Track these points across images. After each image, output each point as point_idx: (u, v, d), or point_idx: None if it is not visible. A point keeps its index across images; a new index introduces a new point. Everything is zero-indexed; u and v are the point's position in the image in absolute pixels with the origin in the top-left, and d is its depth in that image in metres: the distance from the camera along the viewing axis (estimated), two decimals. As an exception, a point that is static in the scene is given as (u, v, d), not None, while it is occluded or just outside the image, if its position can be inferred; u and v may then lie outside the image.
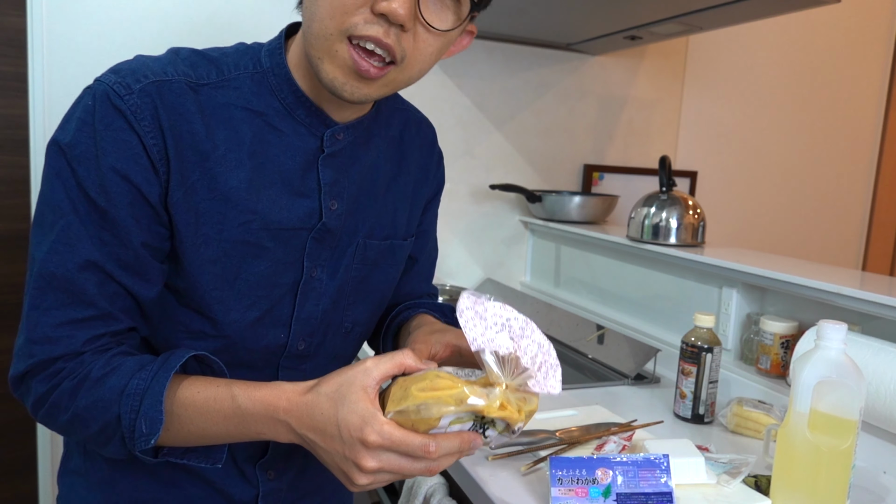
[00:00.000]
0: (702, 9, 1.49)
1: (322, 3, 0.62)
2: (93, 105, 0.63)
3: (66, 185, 0.62)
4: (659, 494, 0.79)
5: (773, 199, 2.58)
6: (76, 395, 0.62)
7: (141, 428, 0.61)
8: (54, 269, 0.62)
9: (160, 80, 0.65)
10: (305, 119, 0.70)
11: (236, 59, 0.70)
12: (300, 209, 0.71)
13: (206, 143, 0.66)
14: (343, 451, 0.58)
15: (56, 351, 0.62)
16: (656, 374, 1.40)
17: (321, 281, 0.74)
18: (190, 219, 0.66)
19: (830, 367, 0.80)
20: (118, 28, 1.64)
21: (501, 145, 2.09)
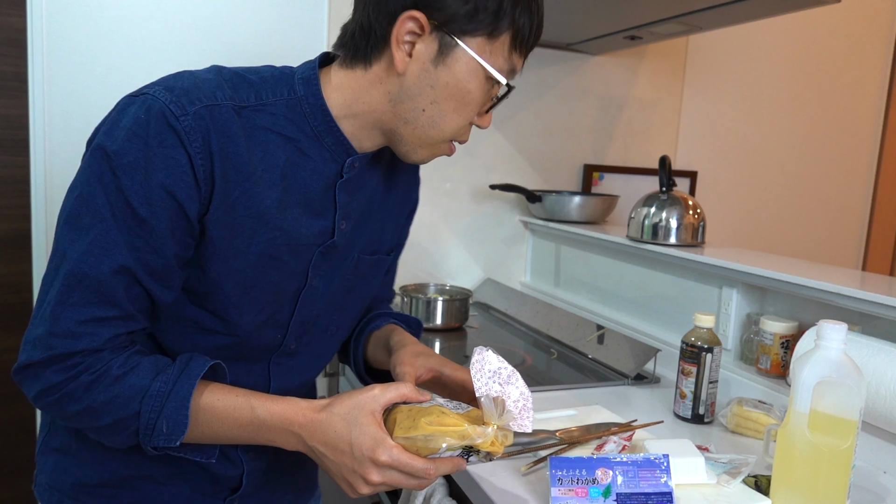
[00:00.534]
0: (702, 9, 1.49)
1: (449, 118, 0.75)
2: (146, 119, 0.67)
3: (107, 191, 0.66)
4: (659, 494, 0.79)
5: (773, 199, 2.58)
6: (93, 390, 0.66)
7: (161, 428, 0.67)
8: (88, 270, 0.66)
9: (212, 104, 0.69)
10: (332, 147, 0.77)
11: (273, 85, 0.75)
12: (316, 227, 0.78)
13: (247, 164, 0.71)
14: (353, 465, 0.67)
15: (78, 346, 0.66)
16: (656, 374, 1.40)
17: (318, 289, 0.82)
18: (225, 233, 0.72)
19: (830, 367, 0.80)
20: (118, 28, 1.64)
21: (501, 145, 2.09)
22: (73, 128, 1.63)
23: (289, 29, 1.80)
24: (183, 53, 1.71)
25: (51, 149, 1.62)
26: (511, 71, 0.75)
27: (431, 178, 2.02)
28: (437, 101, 0.73)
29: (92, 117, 1.65)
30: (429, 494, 1.02)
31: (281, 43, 1.79)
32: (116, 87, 1.66)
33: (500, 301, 1.93)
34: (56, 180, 1.63)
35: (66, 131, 1.63)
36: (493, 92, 0.76)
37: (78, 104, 1.63)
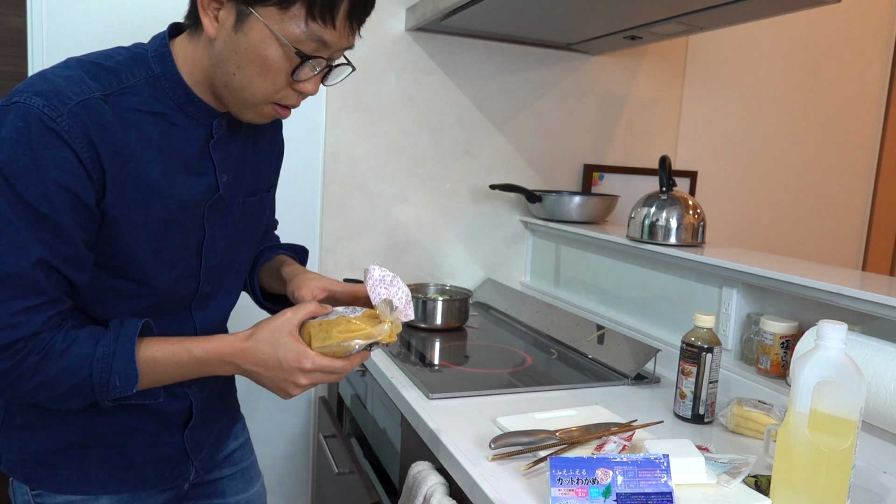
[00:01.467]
0: (702, 9, 1.49)
1: (257, 83, 0.81)
2: (25, 126, 0.71)
3: (6, 198, 0.72)
4: (659, 494, 0.79)
5: (773, 199, 2.58)
6: (42, 366, 0.75)
7: (115, 383, 0.78)
8: (9, 269, 0.72)
9: (82, 99, 0.74)
10: (196, 114, 0.86)
11: (130, 66, 0.81)
12: (202, 185, 0.87)
13: (126, 146, 0.78)
14: (283, 376, 0.82)
15: (18, 334, 0.73)
16: (656, 374, 1.40)
17: (215, 237, 0.92)
18: (123, 211, 0.79)
19: (830, 367, 0.80)
20: (118, 28, 1.64)
21: (501, 145, 2.09)
22: (73, 128, 1.63)
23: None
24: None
25: (51, 149, 1.62)
26: (318, 41, 0.79)
27: (431, 178, 2.02)
28: (243, 66, 0.80)
29: (92, 117, 1.65)
30: (429, 494, 1.02)
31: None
32: (116, 87, 1.66)
33: (500, 301, 1.93)
34: (56, 180, 1.63)
35: (66, 131, 1.63)
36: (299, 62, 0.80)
37: (78, 104, 1.63)
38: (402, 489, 1.11)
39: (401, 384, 1.27)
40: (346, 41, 0.82)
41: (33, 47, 1.57)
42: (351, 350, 0.84)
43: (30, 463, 0.89)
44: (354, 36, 0.83)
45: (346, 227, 1.94)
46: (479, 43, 2.02)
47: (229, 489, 1.11)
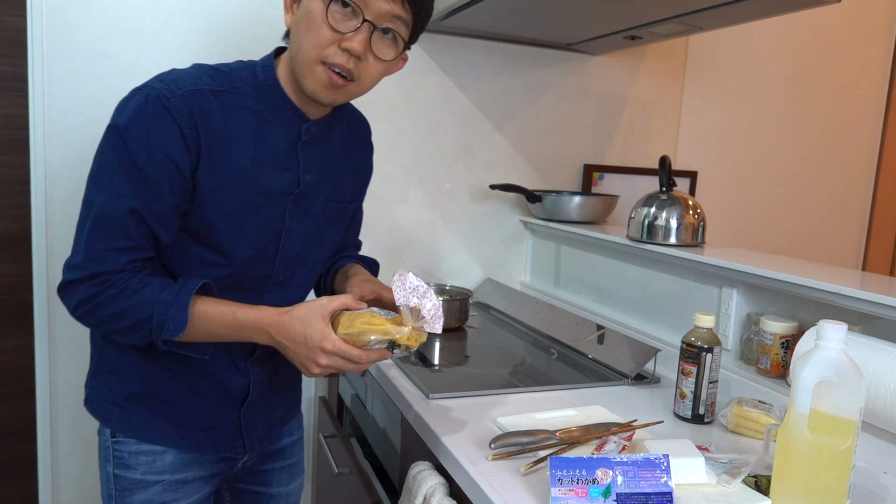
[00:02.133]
0: (702, 9, 1.49)
1: (305, 40, 0.92)
2: (145, 103, 0.89)
3: (119, 156, 0.88)
4: (659, 494, 0.79)
5: (773, 199, 2.58)
6: (117, 299, 0.89)
7: (168, 325, 0.90)
8: (109, 213, 0.88)
9: (193, 89, 0.92)
10: (290, 116, 1.00)
11: (240, 73, 0.98)
12: (285, 179, 1.00)
13: (223, 131, 0.94)
14: (307, 353, 0.91)
15: (105, 267, 0.89)
16: (656, 374, 1.40)
17: (295, 230, 1.04)
18: (213, 184, 0.94)
19: (830, 367, 0.80)
20: (118, 28, 1.64)
21: (501, 145, 2.09)
22: (73, 128, 1.63)
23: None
24: (183, 53, 1.71)
25: (51, 149, 1.62)
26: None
27: (431, 178, 2.02)
28: (298, 31, 0.93)
29: (92, 117, 1.65)
30: (429, 494, 1.02)
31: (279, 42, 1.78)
32: (116, 87, 1.66)
33: (500, 301, 1.93)
34: (56, 180, 1.63)
35: (66, 131, 1.63)
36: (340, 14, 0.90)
37: (78, 104, 1.63)
38: (402, 489, 1.11)
39: (401, 384, 1.27)
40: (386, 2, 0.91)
41: (33, 47, 1.57)
42: (369, 343, 0.91)
43: (108, 404, 1.03)
44: (402, 4, 0.92)
45: (346, 227, 1.94)
46: (479, 43, 2.02)
47: (275, 480, 1.21)
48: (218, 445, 1.07)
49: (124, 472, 1.03)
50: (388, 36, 0.94)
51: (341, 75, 0.93)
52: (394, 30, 0.94)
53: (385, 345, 0.92)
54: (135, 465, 1.03)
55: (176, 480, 1.04)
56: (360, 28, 0.90)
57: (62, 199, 1.65)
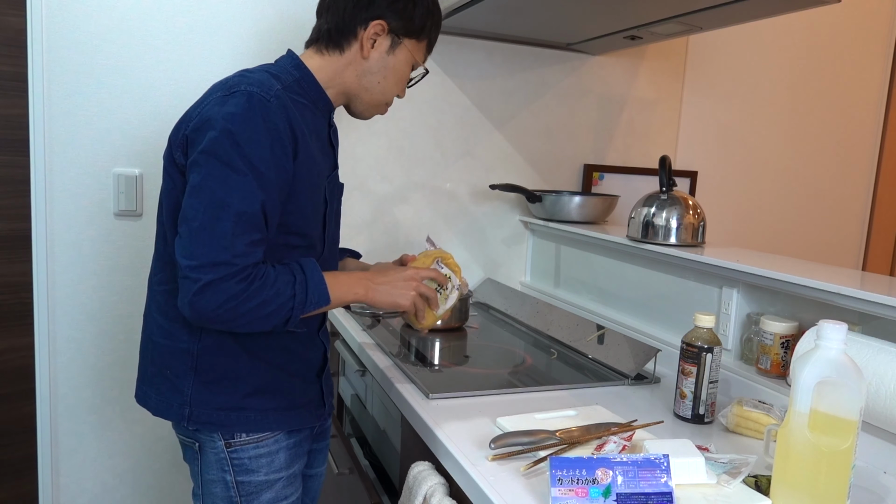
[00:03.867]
0: (702, 9, 1.49)
1: (389, 86, 1.16)
2: (249, 105, 0.98)
3: (242, 158, 0.96)
4: (659, 494, 0.79)
5: (773, 199, 2.58)
6: (263, 288, 0.97)
7: (313, 298, 1.03)
8: (247, 209, 0.96)
9: (279, 87, 1.03)
10: (323, 108, 1.14)
11: (281, 73, 1.09)
12: (328, 162, 1.17)
13: (301, 126, 1.04)
14: (401, 277, 1.15)
15: (249, 261, 0.97)
16: (656, 374, 1.40)
17: (333, 210, 1.19)
18: (304, 173, 1.05)
19: (830, 367, 0.80)
20: (118, 28, 1.64)
21: (501, 145, 2.09)
22: (73, 128, 1.63)
23: (288, 28, 1.80)
24: (183, 53, 1.71)
25: (51, 149, 1.62)
26: (423, 61, 1.20)
27: (431, 177, 2.02)
28: (387, 77, 1.15)
29: (92, 117, 1.65)
30: (429, 494, 1.02)
31: (280, 42, 1.79)
32: (116, 87, 1.66)
33: (500, 301, 1.93)
34: (56, 180, 1.63)
35: (66, 131, 1.63)
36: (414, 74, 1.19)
37: (78, 104, 1.63)
38: (402, 489, 1.11)
39: (401, 384, 1.27)
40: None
41: (33, 47, 1.57)
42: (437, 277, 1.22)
43: (222, 411, 1.07)
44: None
45: (347, 227, 1.94)
46: (479, 43, 2.02)
47: (316, 461, 1.30)
48: (312, 417, 1.17)
49: (248, 476, 1.09)
50: None
51: None
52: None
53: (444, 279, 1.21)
54: (256, 468, 1.09)
55: (291, 475, 1.14)
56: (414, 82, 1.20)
57: (62, 199, 1.65)
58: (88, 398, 1.75)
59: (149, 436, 1.82)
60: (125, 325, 1.76)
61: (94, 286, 1.72)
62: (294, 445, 1.14)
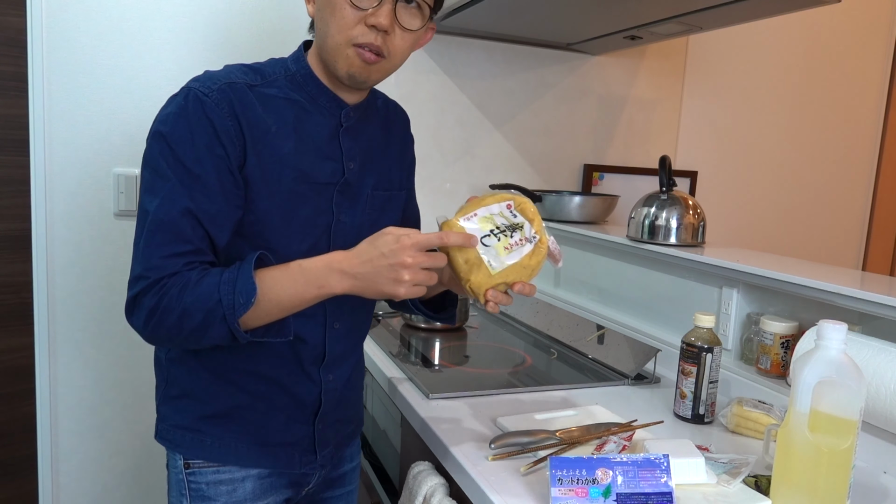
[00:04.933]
0: (702, 9, 1.49)
1: (331, 24, 0.90)
2: (185, 103, 0.87)
3: (168, 161, 0.86)
4: (659, 494, 0.79)
5: (773, 199, 2.58)
6: (182, 295, 0.84)
7: (239, 300, 0.84)
8: (163, 217, 0.85)
9: (230, 81, 0.91)
10: (326, 104, 0.98)
11: (271, 67, 0.97)
12: (329, 168, 0.97)
13: (264, 123, 0.91)
14: (387, 261, 0.83)
15: (165, 272, 0.85)
16: (656, 374, 1.40)
17: (345, 223, 1.00)
18: (260, 176, 0.91)
19: (830, 367, 0.80)
20: (118, 28, 1.64)
21: (501, 145, 2.09)
22: (73, 128, 1.63)
23: (288, 28, 1.80)
24: (183, 53, 1.71)
25: (51, 149, 1.62)
26: None
27: (431, 178, 2.02)
28: (322, 18, 0.92)
29: (92, 117, 1.65)
30: (429, 494, 1.02)
31: (280, 42, 1.79)
32: (116, 86, 1.66)
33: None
34: (56, 180, 1.63)
35: (66, 131, 1.63)
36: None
37: (78, 104, 1.63)
38: (402, 489, 1.11)
39: (401, 384, 1.27)
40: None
41: (33, 47, 1.57)
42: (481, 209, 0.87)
43: (179, 430, 0.99)
44: None
45: (346, 227, 1.94)
46: (479, 43, 2.02)
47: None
48: (293, 462, 1.02)
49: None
50: (412, 5, 0.92)
51: (373, 52, 0.91)
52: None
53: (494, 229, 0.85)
54: (215, 495, 0.98)
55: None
56: (382, 1, 0.89)
57: (62, 199, 1.65)
58: (88, 398, 1.75)
59: (149, 436, 1.82)
60: (125, 325, 1.76)
61: (94, 286, 1.72)
62: (267, 475, 1.01)
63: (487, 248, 0.85)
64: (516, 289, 0.87)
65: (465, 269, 0.85)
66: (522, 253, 0.86)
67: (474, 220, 0.87)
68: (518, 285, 0.87)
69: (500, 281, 0.85)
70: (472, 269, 0.85)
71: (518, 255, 0.86)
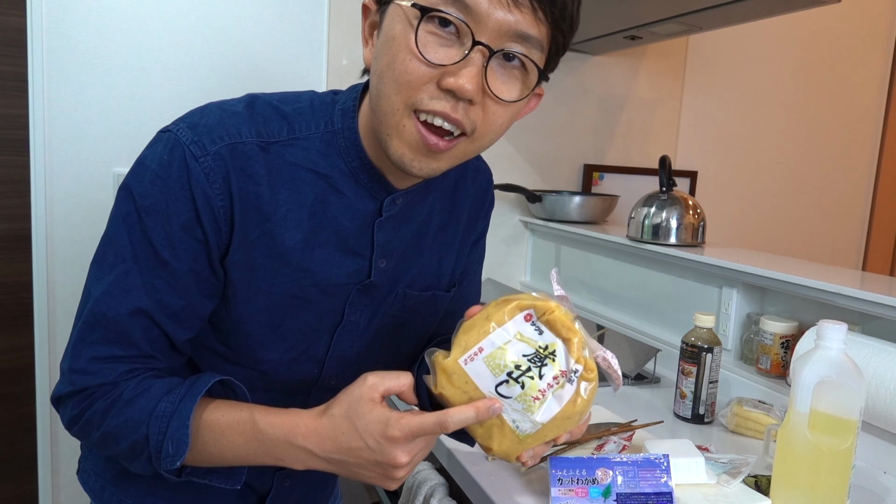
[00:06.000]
0: (702, 9, 1.49)
1: (388, 80, 0.62)
2: (169, 161, 0.65)
3: (130, 232, 0.65)
4: (659, 494, 0.79)
5: (773, 199, 2.58)
6: (108, 415, 0.65)
7: (168, 449, 0.64)
8: (106, 311, 0.65)
9: (234, 142, 0.66)
10: (368, 184, 0.72)
11: (308, 117, 0.70)
12: (350, 266, 0.73)
13: (269, 204, 0.68)
14: (374, 457, 0.62)
15: (94, 381, 0.66)
16: (656, 374, 1.40)
17: (357, 325, 0.77)
18: (246, 275, 0.69)
19: (830, 367, 0.80)
20: (118, 28, 1.64)
21: (501, 145, 2.09)
22: (73, 128, 1.63)
23: (289, 28, 1.79)
24: (183, 53, 1.71)
25: (51, 149, 1.62)
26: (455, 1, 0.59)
27: (431, 178, 2.02)
28: (378, 68, 0.64)
29: (92, 117, 1.65)
30: (429, 494, 1.02)
31: (281, 43, 1.78)
32: (116, 87, 1.66)
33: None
34: (56, 180, 1.63)
35: (66, 131, 1.63)
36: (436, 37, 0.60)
37: (78, 104, 1.63)
38: (402, 489, 1.11)
39: (401, 384, 1.27)
40: (505, 12, 0.59)
41: (33, 47, 1.57)
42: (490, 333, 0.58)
43: (100, 478, 0.83)
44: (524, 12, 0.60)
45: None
46: (479, 43, 2.02)
47: None
48: None
49: None
50: (513, 63, 0.63)
51: (444, 130, 0.63)
52: (521, 54, 0.62)
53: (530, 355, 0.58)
54: None
55: None
56: (468, 56, 0.60)
57: (62, 199, 1.65)
58: (88, 398, 1.75)
59: (149, 436, 1.82)
60: (125, 325, 1.76)
61: (94, 286, 1.71)
62: None
63: (509, 399, 0.60)
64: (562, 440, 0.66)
65: (482, 434, 0.62)
66: (563, 400, 0.60)
67: (479, 359, 0.60)
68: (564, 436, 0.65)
69: (536, 444, 0.63)
70: (491, 435, 0.62)
71: (556, 405, 0.60)
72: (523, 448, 0.63)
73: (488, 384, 0.59)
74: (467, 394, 0.60)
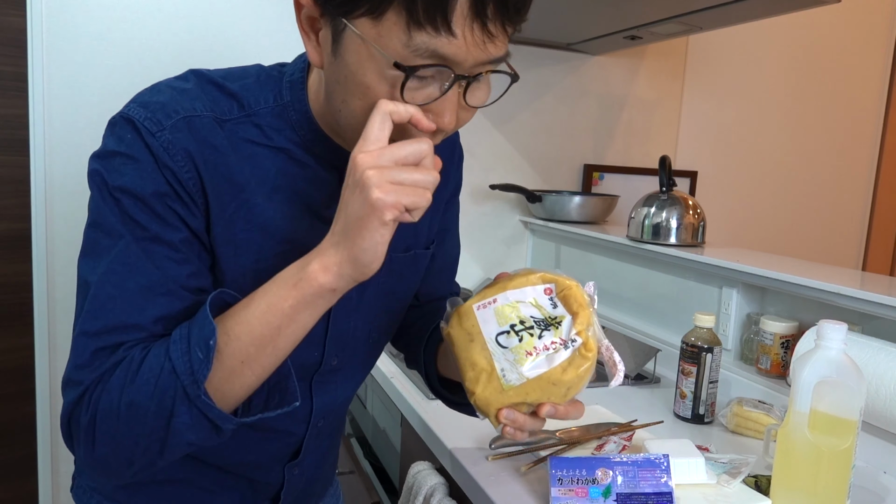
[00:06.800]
0: (702, 9, 1.49)
1: (354, 102, 0.60)
2: (131, 140, 0.62)
3: (115, 212, 0.62)
4: (659, 494, 0.79)
5: (773, 199, 2.58)
6: (125, 384, 0.59)
7: (196, 355, 0.59)
8: (111, 290, 0.61)
9: (190, 115, 0.64)
10: (325, 154, 0.70)
11: (256, 92, 0.69)
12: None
13: (239, 175, 0.66)
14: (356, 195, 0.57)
15: (101, 370, 0.61)
16: (656, 374, 1.40)
17: (351, 299, 0.74)
18: (229, 251, 0.67)
19: (830, 367, 0.80)
20: (118, 28, 1.64)
21: (501, 145, 2.09)
22: (73, 128, 1.63)
23: (290, 28, 1.79)
24: (182, 53, 1.71)
25: (51, 149, 1.62)
26: (432, 55, 0.55)
27: (431, 178, 2.02)
28: (346, 100, 0.61)
29: (92, 117, 1.65)
30: (429, 494, 1.02)
31: (279, 42, 1.79)
32: (116, 87, 1.66)
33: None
34: (56, 180, 1.63)
35: (66, 131, 1.63)
36: (415, 85, 0.58)
37: (78, 104, 1.63)
38: (402, 489, 1.11)
39: (401, 384, 1.27)
40: (481, 51, 0.57)
41: (33, 47, 1.57)
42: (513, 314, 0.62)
43: (97, 493, 0.79)
44: (497, 41, 0.58)
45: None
46: (479, 43, 2.02)
47: None
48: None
49: None
50: (488, 76, 0.63)
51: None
52: (495, 70, 0.63)
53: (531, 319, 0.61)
54: None
55: None
56: (446, 92, 0.59)
57: (62, 199, 1.65)
58: (88, 398, 1.75)
59: (149, 436, 1.82)
60: (125, 325, 1.76)
61: (94, 286, 1.71)
62: None
63: (504, 349, 0.62)
64: (544, 412, 0.64)
65: (471, 376, 0.63)
66: (553, 362, 0.61)
67: (490, 308, 0.63)
68: (547, 407, 0.63)
69: (518, 400, 0.62)
70: (478, 379, 0.63)
71: (545, 364, 0.61)
72: (504, 401, 0.63)
73: (491, 331, 0.63)
74: (471, 336, 0.64)
